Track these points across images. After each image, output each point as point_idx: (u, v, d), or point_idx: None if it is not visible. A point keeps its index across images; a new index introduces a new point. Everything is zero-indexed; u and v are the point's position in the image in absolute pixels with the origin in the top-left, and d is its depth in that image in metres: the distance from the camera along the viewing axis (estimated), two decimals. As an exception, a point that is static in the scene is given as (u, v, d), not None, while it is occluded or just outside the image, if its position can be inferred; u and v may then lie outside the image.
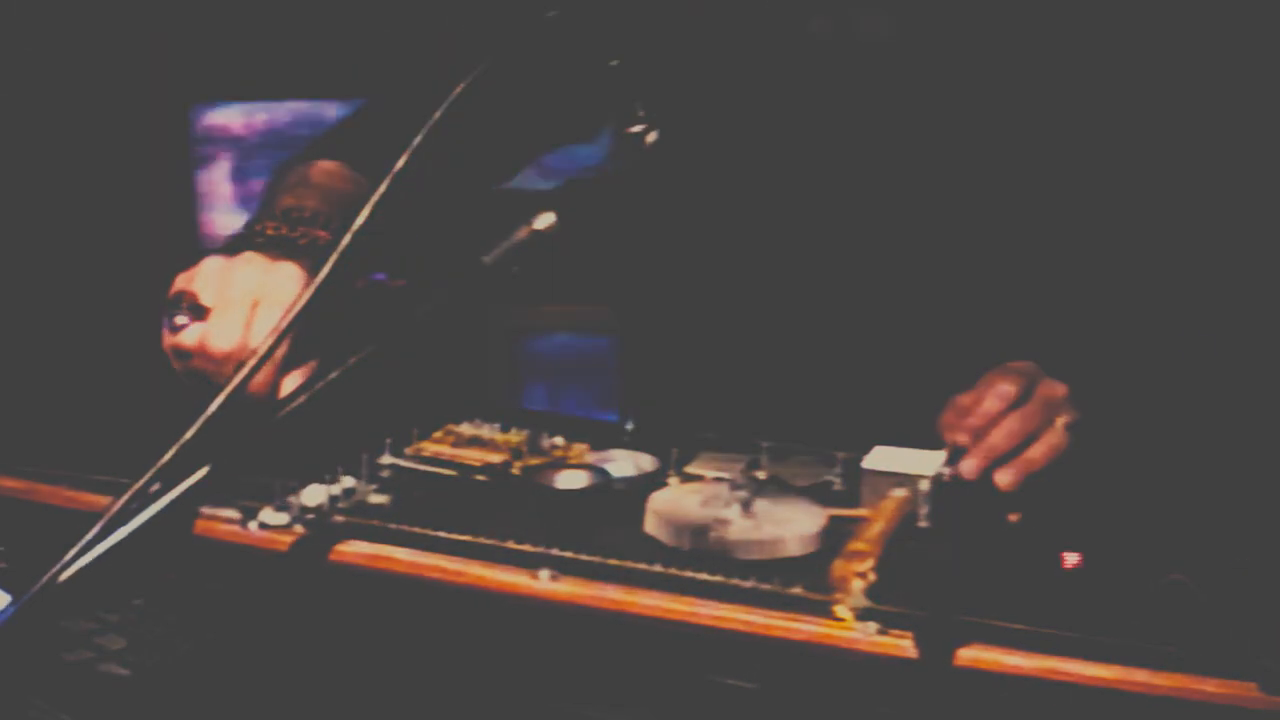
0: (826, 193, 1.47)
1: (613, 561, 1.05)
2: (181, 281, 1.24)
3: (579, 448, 1.28)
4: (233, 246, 1.27)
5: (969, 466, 1.21)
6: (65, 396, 1.39)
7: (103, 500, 1.10)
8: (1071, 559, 1.09)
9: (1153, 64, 1.42)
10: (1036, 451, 1.22)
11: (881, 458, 1.18)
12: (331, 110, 1.59)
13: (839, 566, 1.01)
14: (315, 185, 1.37)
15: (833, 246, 1.47)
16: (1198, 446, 1.35)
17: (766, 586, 1.02)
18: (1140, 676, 0.92)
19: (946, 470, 1.18)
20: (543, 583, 1.03)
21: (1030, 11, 1.43)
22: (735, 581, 1.03)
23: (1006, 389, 1.24)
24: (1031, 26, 1.43)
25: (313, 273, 1.20)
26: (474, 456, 1.25)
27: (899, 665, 0.95)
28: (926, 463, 1.17)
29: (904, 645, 0.95)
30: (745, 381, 1.51)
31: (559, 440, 1.30)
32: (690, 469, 1.24)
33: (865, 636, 0.97)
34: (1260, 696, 0.89)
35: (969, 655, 0.94)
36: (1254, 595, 1.02)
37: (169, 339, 1.23)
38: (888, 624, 0.97)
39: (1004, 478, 1.21)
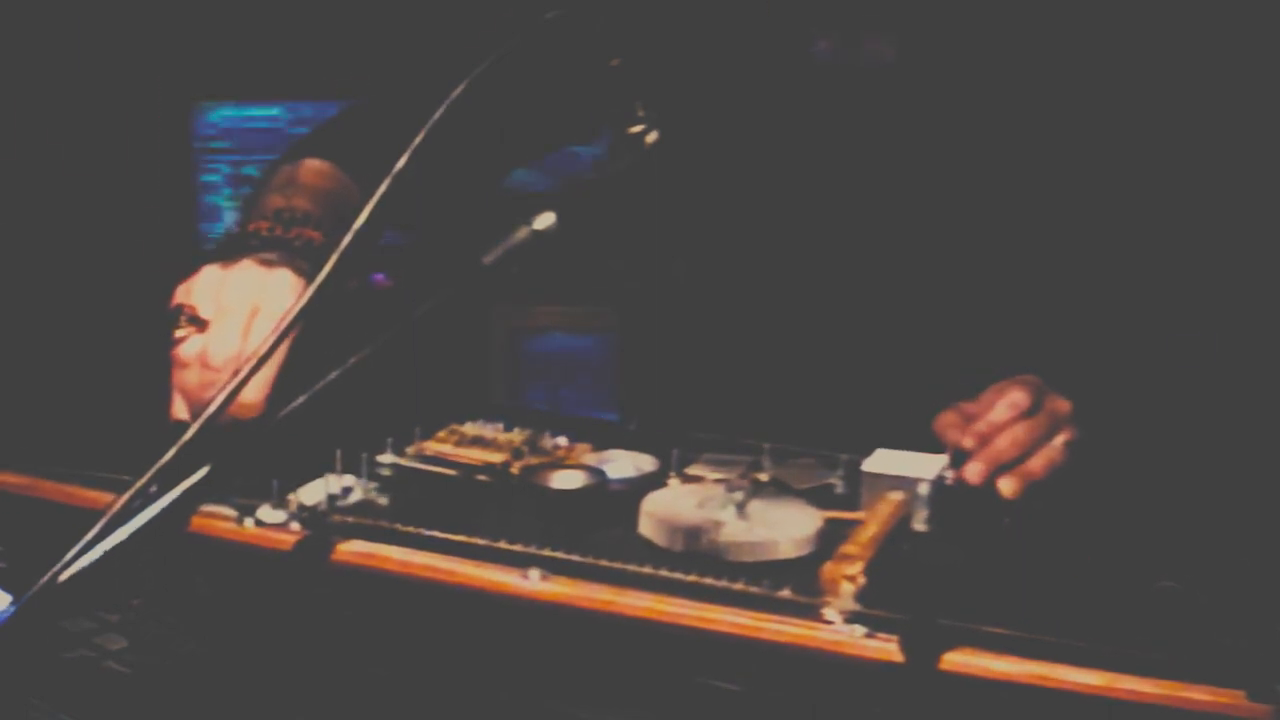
0: (829, 198, 1.47)
1: (603, 562, 1.05)
2: (181, 294, 1.24)
3: (581, 448, 1.28)
4: (227, 249, 1.27)
5: (974, 472, 1.21)
6: (68, 393, 1.40)
7: (104, 497, 1.10)
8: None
9: (1153, 83, 1.42)
10: (1036, 463, 1.23)
11: (882, 460, 1.17)
12: (331, 110, 1.59)
13: (829, 569, 1.01)
14: (303, 185, 1.37)
15: (836, 251, 1.47)
16: (1190, 454, 1.35)
17: (755, 589, 1.01)
18: (1128, 683, 0.90)
19: (949, 474, 1.18)
20: (532, 583, 1.03)
21: (1031, 33, 1.43)
22: (724, 583, 1.02)
23: (1019, 398, 1.25)
24: (1032, 48, 1.42)
25: (309, 274, 1.21)
26: (475, 456, 1.25)
27: (886, 669, 0.95)
28: (927, 466, 1.17)
29: (891, 649, 0.95)
30: (748, 383, 1.51)
31: (561, 440, 1.30)
32: (691, 470, 1.24)
33: (852, 640, 0.96)
34: (1247, 704, 0.89)
35: (956, 660, 0.93)
36: (1245, 601, 1.01)
37: (174, 352, 1.23)
38: (875, 628, 0.96)
39: (1007, 485, 1.21)
